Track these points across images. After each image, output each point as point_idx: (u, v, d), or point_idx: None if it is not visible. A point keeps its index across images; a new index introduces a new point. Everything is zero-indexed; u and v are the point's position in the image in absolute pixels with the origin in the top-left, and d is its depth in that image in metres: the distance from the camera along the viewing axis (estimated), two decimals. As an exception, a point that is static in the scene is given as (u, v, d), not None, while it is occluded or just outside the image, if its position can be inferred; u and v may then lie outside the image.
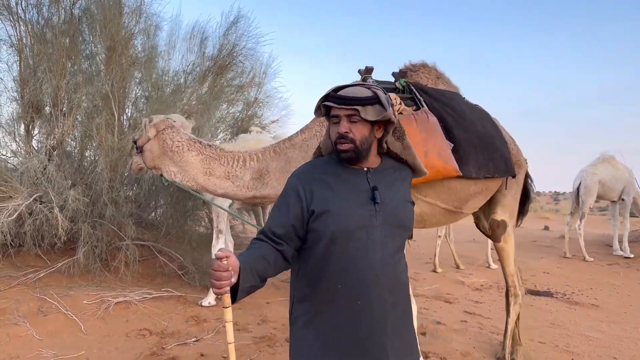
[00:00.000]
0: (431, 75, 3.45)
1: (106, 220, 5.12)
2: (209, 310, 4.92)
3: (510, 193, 3.61)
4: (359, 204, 1.72)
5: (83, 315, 4.37)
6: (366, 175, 1.77)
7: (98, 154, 5.06)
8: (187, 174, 3.21)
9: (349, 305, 1.68)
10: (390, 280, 1.73)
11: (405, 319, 1.82)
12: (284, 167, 3.08)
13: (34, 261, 5.20)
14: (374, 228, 1.71)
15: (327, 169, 1.79)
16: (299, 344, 1.75)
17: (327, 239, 1.68)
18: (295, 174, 1.82)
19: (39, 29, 5.26)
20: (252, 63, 7.38)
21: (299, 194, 1.72)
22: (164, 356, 3.77)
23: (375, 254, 1.69)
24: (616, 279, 7.71)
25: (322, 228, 1.69)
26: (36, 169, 4.58)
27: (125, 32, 5.45)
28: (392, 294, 1.73)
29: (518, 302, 3.88)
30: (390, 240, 1.74)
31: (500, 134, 3.44)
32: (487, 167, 3.16)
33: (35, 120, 5.27)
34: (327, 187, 1.73)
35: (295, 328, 1.78)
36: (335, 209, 1.69)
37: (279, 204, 1.77)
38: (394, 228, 1.76)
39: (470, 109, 3.32)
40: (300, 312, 1.76)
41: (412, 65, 3.45)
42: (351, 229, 1.68)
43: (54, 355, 3.68)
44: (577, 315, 5.65)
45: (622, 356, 4.35)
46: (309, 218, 1.70)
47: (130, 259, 5.22)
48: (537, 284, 7.23)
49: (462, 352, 4.22)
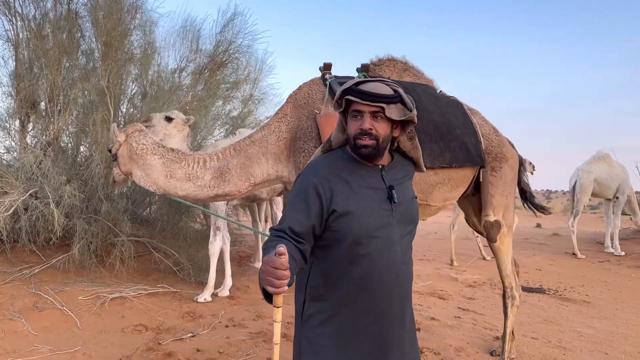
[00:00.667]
0: (396, 68, 3.40)
1: (101, 216, 5.13)
2: (204, 306, 4.94)
3: (497, 192, 3.51)
4: (377, 203, 1.71)
5: (78, 311, 4.38)
6: (381, 174, 1.77)
7: (93, 149, 5.05)
8: (149, 177, 3.20)
9: (372, 305, 1.69)
10: (407, 277, 1.78)
11: (411, 310, 1.87)
12: (244, 163, 3.13)
13: (28, 257, 5.19)
14: (392, 227, 1.71)
15: (342, 164, 1.76)
16: (313, 343, 1.73)
17: (350, 240, 1.66)
18: (311, 169, 1.76)
19: (36, 24, 5.25)
20: (248, 59, 7.40)
21: (318, 192, 1.66)
22: (160, 351, 3.78)
23: (395, 253, 1.71)
24: (607, 276, 7.80)
25: (345, 229, 1.66)
26: (32, 164, 4.58)
27: (122, 28, 5.44)
28: (407, 289, 1.79)
29: (515, 304, 3.79)
30: (406, 238, 1.77)
31: (466, 124, 3.35)
32: (442, 157, 3.10)
33: (31, 116, 5.27)
34: (346, 185, 1.70)
35: (309, 326, 1.75)
36: (357, 209, 1.67)
37: (296, 201, 1.70)
38: (407, 225, 1.78)
39: (433, 99, 3.26)
40: (314, 310, 1.73)
41: (377, 60, 3.40)
42: (373, 229, 1.67)
43: (50, 351, 3.68)
44: (569, 312, 5.71)
45: (613, 351, 4.41)
46: (328, 217, 1.67)
47: (126, 255, 5.23)
48: (530, 281, 7.29)
49: (456, 347, 4.27)
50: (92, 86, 5.23)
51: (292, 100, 3.18)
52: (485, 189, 3.51)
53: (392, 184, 1.75)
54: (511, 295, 3.79)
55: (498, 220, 3.53)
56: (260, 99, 8.05)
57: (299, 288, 1.82)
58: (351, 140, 1.72)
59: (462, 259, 8.66)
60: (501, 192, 3.52)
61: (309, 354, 1.73)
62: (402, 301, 1.76)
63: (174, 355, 3.72)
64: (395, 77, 3.38)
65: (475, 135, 3.37)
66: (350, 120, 1.73)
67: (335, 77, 3.15)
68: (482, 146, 3.39)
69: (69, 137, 5.64)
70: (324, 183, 1.67)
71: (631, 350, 4.46)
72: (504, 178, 3.53)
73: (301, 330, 1.78)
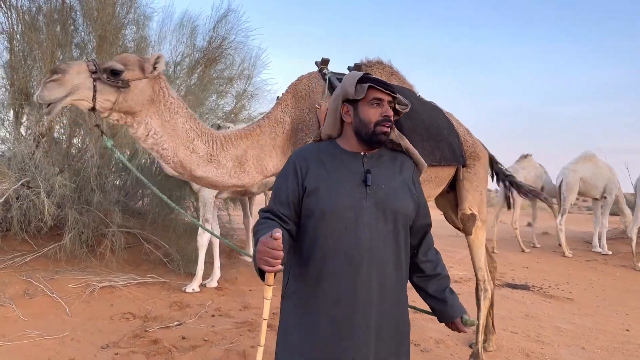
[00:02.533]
0: (385, 71, 3.50)
1: (93, 207, 5.22)
2: (192, 296, 5.04)
3: (472, 186, 3.69)
4: (350, 184, 1.77)
5: (68, 299, 4.47)
6: (362, 159, 1.84)
7: (87, 141, 5.13)
8: (169, 140, 2.71)
9: (335, 284, 1.70)
10: (379, 263, 1.74)
11: (396, 304, 1.81)
12: (258, 154, 2.98)
13: (20, 246, 5.28)
14: (364, 209, 1.74)
15: (325, 150, 1.87)
16: (287, 323, 1.79)
17: (317, 217, 1.73)
18: (295, 152, 1.89)
19: (31, 17, 5.32)
20: (242, 56, 7.48)
21: (296, 171, 1.78)
22: (146, 338, 3.88)
23: (363, 234, 1.72)
24: (592, 275, 7.93)
25: (313, 205, 1.74)
26: (24, 154, 4.66)
27: (116, 21, 5.51)
28: (380, 276, 1.74)
29: (488, 297, 3.92)
30: (381, 224, 1.76)
31: (449, 125, 3.53)
32: (433, 155, 3.21)
33: (24, 107, 5.34)
34: (321, 165, 1.79)
35: (286, 306, 1.81)
36: (325, 187, 1.75)
37: (280, 182, 1.82)
38: (386, 212, 1.77)
39: (420, 102, 3.41)
40: (293, 289, 1.79)
41: (368, 61, 3.47)
42: (340, 208, 1.72)
43: (39, 336, 3.78)
44: (551, 308, 5.83)
45: (590, 346, 4.53)
46: (302, 194, 1.76)
47: (116, 246, 5.32)
48: (516, 278, 7.41)
49: (435, 339, 4.38)
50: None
51: (292, 91, 3.17)
52: (461, 185, 3.69)
53: (372, 169, 1.80)
54: (483, 288, 3.91)
55: (474, 213, 3.70)
56: (254, 94, 8.13)
57: (285, 268, 1.85)
58: (371, 126, 1.80)
59: (449, 255, 8.78)
60: (475, 188, 3.71)
61: (283, 334, 1.79)
62: (368, 286, 1.71)
63: (160, 342, 3.82)
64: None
65: (457, 136, 3.57)
66: (369, 107, 1.82)
67: (333, 73, 3.23)
68: (463, 146, 3.59)
69: (62, 129, 5.72)
70: (302, 163, 1.80)
71: (608, 345, 4.58)
72: (477, 175, 3.74)
73: (283, 305, 1.83)
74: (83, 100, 2.51)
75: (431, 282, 1.93)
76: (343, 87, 1.87)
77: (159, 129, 2.69)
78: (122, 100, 2.56)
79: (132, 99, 2.59)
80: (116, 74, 2.54)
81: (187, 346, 3.80)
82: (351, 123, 1.85)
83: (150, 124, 2.67)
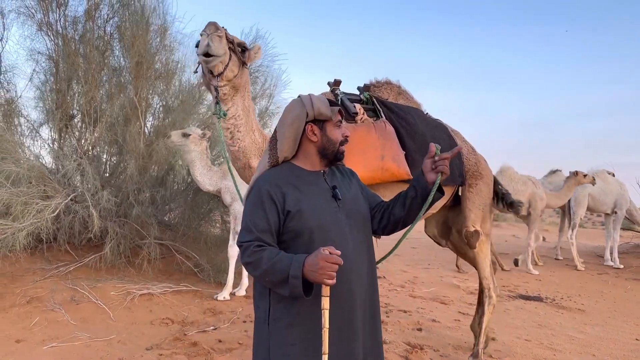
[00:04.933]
0: (392, 91, 3.80)
1: (131, 220, 5.60)
2: (223, 304, 5.37)
3: (474, 205, 3.87)
4: (325, 202, 1.90)
5: (111, 305, 4.83)
6: (324, 177, 1.98)
7: (127, 159, 5.53)
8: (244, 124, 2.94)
9: (334, 297, 1.75)
10: (362, 268, 1.93)
11: (374, 304, 2.01)
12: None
13: (63, 256, 5.67)
14: (342, 222, 1.89)
15: (289, 173, 1.93)
16: (282, 344, 1.81)
17: (307, 236, 1.82)
18: (262, 180, 1.90)
19: (75, 44, 5.77)
20: (266, 76, 7.85)
21: (272, 198, 1.82)
22: (186, 341, 4.22)
23: (348, 245, 1.86)
24: (604, 287, 8.13)
25: (300, 226, 1.82)
26: (73, 171, 5.06)
27: (152, 48, 5.95)
28: (361, 280, 1.92)
29: (492, 303, 4.13)
30: (355, 232, 1.94)
31: (452, 146, 3.66)
32: None
33: (69, 127, 5.77)
34: (295, 189, 1.87)
35: (276, 329, 1.82)
36: (308, 207, 1.84)
37: (254, 210, 1.84)
38: (357, 220, 1.97)
39: (424, 123, 3.66)
40: (281, 313, 1.82)
41: (377, 82, 3.79)
42: (325, 224, 1.85)
43: (89, 338, 4.13)
44: (563, 318, 6.07)
45: (600, 354, 4.76)
46: (285, 219, 1.82)
47: (152, 256, 5.68)
48: (529, 290, 7.64)
49: (454, 345, 4.66)
50: (125, 101, 5.72)
51: None
52: (464, 204, 3.90)
53: (334, 184, 1.96)
54: (488, 295, 4.12)
55: (477, 230, 3.88)
56: (275, 112, 8.50)
57: (260, 296, 1.90)
58: (336, 145, 1.96)
59: (465, 267, 9.03)
60: (477, 206, 3.91)
61: (280, 357, 1.81)
62: (363, 291, 1.91)
63: (199, 344, 4.15)
64: (392, 99, 3.82)
65: (460, 157, 3.80)
66: (335, 128, 1.96)
67: (345, 94, 3.51)
68: (464, 166, 3.82)
69: (103, 147, 6.14)
70: (276, 190, 1.84)
71: (618, 353, 4.81)
72: (479, 193, 3.93)
73: (268, 335, 1.84)
74: (221, 64, 2.69)
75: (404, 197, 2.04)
76: (312, 108, 1.93)
77: (241, 113, 2.92)
78: (239, 75, 2.79)
79: (242, 78, 2.83)
80: (243, 51, 2.80)
81: (223, 348, 4.12)
82: (316, 142, 1.95)
83: (238, 106, 2.89)
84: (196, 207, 6.62)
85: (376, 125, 3.34)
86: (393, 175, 3.26)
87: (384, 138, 3.28)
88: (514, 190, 9.21)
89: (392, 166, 3.23)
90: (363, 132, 3.26)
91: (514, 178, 9.39)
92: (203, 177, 5.58)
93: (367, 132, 3.27)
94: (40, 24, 5.70)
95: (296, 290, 1.66)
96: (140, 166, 5.54)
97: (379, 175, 3.22)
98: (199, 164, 5.53)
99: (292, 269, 1.66)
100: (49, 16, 5.66)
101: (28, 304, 4.63)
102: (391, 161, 3.23)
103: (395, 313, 5.72)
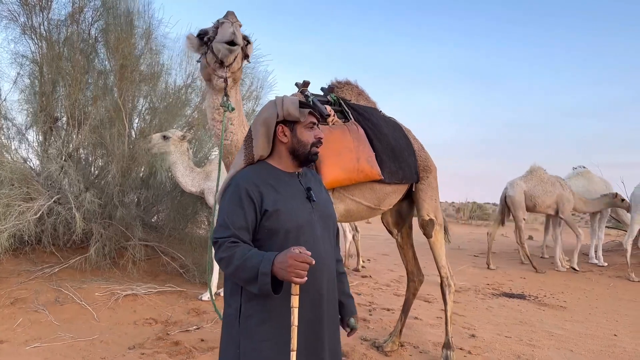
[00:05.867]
0: (353, 92, 3.92)
1: (115, 222, 5.64)
2: (207, 304, 5.42)
3: (427, 196, 4.07)
4: (300, 203, 1.94)
5: (95, 305, 4.87)
6: (298, 178, 2.03)
7: (110, 161, 5.58)
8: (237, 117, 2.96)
9: (306, 296, 1.81)
10: (329, 270, 1.99)
11: (336, 305, 2.07)
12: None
13: (48, 257, 5.69)
14: (315, 223, 1.95)
15: (266, 173, 1.97)
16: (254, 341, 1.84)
17: (282, 235, 1.85)
18: (240, 178, 1.93)
19: (59, 47, 5.81)
20: (251, 78, 7.92)
21: (250, 196, 1.85)
22: (168, 340, 4.27)
23: (320, 246, 1.92)
24: (587, 285, 8.26)
25: (276, 225, 1.85)
26: (56, 173, 5.10)
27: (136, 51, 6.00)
28: (330, 281, 1.99)
29: (452, 291, 4.29)
30: (326, 233, 2.00)
31: (409, 145, 3.90)
32: (397, 174, 3.64)
33: (54, 130, 5.80)
34: (272, 189, 1.90)
35: (248, 327, 1.85)
36: (285, 207, 1.88)
37: (231, 208, 1.86)
38: (328, 223, 2.03)
39: (385, 122, 3.80)
40: (253, 310, 1.84)
41: (337, 82, 3.89)
42: (300, 225, 1.89)
43: (72, 338, 4.17)
44: (544, 315, 6.17)
45: (578, 349, 4.86)
46: (261, 218, 1.86)
47: (137, 257, 5.72)
48: (513, 288, 7.75)
49: (433, 342, 4.74)
50: (109, 103, 5.77)
51: None
52: (418, 195, 4.08)
53: (309, 186, 2.02)
54: (447, 284, 4.27)
55: (432, 219, 4.07)
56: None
57: (231, 293, 1.92)
58: (307, 147, 1.98)
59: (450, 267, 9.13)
60: (430, 197, 4.10)
61: (250, 352, 1.83)
62: (331, 290, 1.98)
63: (181, 343, 4.20)
64: (354, 100, 3.93)
65: (414, 154, 3.94)
66: (306, 130, 1.99)
67: (314, 95, 3.59)
68: (417, 164, 3.97)
69: (87, 149, 6.18)
70: (254, 188, 1.87)
71: (595, 348, 4.92)
72: (431, 185, 4.13)
73: (239, 331, 1.86)
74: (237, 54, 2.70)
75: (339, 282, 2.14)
76: (282, 109, 1.97)
77: (236, 106, 2.92)
78: (241, 67, 2.83)
79: (241, 71, 2.86)
80: (246, 45, 2.80)
81: (205, 347, 4.17)
82: (286, 143, 1.99)
83: (233, 99, 2.88)
84: (182, 209, 6.66)
85: (350, 128, 3.45)
86: (367, 176, 3.38)
87: (357, 140, 3.39)
88: (542, 190, 9.42)
89: (366, 167, 3.34)
90: (338, 134, 3.35)
91: (543, 179, 9.59)
92: (185, 178, 5.65)
93: (342, 134, 3.36)
94: (24, 28, 5.74)
95: (265, 287, 1.68)
96: (124, 168, 5.58)
97: (354, 176, 3.32)
98: (180, 166, 5.59)
99: (261, 266, 1.69)
100: (33, 19, 5.70)
101: (12, 305, 4.66)
102: (365, 163, 3.35)
103: (378, 311, 5.80)
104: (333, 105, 3.68)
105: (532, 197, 9.44)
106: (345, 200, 3.49)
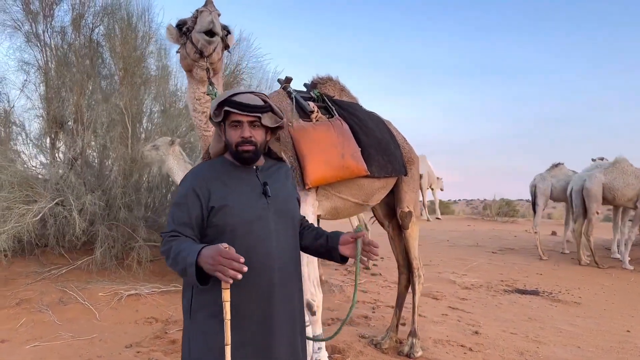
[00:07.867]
0: (336, 87, 3.88)
1: (121, 223, 5.73)
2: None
3: (409, 188, 4.05)
4: (253, 198, 1.91)
5: (98, 305, 4.95)
6: (256, 173, 1.98)
7: (112, 163, 5.68)
8: None
9: (253, 291, 1.81)
10: (284, 266, 1.93)
11: (300, 305, 2.05)
12: None
13: (57, 259, 5.84)
14: (268, 219, 1.90)
15: (220, 168, 1.96)
16: (204, 332, 1.83)
17: (229, 232, 1.83)
18: (191, 174, 1.96)
19: (63, 53, 5.95)
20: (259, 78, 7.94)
21: (196, 192, 1.85)
22: (165, 339, 4.31)
23: (272, 242, 1.89)
24: (606, 280, 8.01)
25: (223, 222, 1.84)
26: (58, 176, 5.22)
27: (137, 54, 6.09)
28: (285, 278, 1.93)
29: (421, 282, 4.30)
30: (282, 230, 1.95)
31: (394, 138, 3.86)
32: (386, 168, 3.59)
33: (59, 134, 5.94)
34: (222, 185, 1.89)
35: (198, 320, 1.85)
36: (233, 203, 1.86)
37: (178, 204, 1.88)
38: (285, 219, 1.98)
39: (369, 117, 3.75)
40: (203, 303, 1.84)
41: (320, 78, 3.85)
42: (249, 220, 1.86)
43: (71, 337, 4.25)
44: (556, 311, 6.00)
45: (586, 345, 4.71)
46: (208, 214, 1.84)
47: (143, 258, 5.80)
48: (527, 284, 7.56)
49: (434, 339, 4.65)
50: (112, 106, 5.87)
51: None
52: (400, 187, 4.04)
53: (267, 181, 1.97)
54: (418, 275, 4.27)
55: (410, 211, 4.06)
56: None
57: (186, 286, 1.93)
58: (233, 147, 1.91)
59: (463, 263, 8.99)
60: (412, 189, 4.10)
61: (200, 344, 1.83)
62: (286, 284, 1.93)
63: (177, 342, 4.23)
64: (337, 96, 3.89)
65: (399, 147, 3.90)
66: (230, 129, 1.91)
67: (297, 92, 3.57)
68: (403, 157, 3.93)
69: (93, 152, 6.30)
70: (202, 185, 1.87)
71: (604, 345, 4.75)
72: (413, 177, 4.13)
73: (190, 325, 1.88)
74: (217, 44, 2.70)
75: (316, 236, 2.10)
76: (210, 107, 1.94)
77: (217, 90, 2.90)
78: (221, 58, 2.83)
79: (221, 61, 2.85)
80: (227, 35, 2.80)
81: (201, 346, 4.20)
82: (224, 141, 1.97)
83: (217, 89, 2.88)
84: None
85: (334, 124, 3.40)
86: (352, 172, 3.33)
87: (342, 136, 3.34)
88: (624, 182, 9.14)
89: (352, 164, 3.30)
90: (323, 131, 3.31)
91: (626, 171, 9.27)
92: None
93: (326, 130, 3.32)
94: (28, 36, 5.90)
95: (191, 278, 1.67)
96: (126, 170, 5.67)
97: (340, 173, 3.29)
98: (176, 169, 5.61)
99: (188, 257, 1.67)
100: (36, 27, 5.85)
101: (17, 305, 4.79)
102: (351, 159, 3.30)
103: (382, 309, 5.74)
104: (316, 101, 3.65)
105: (612, 189, 9.09)
106: (332, 198, 3.46)
